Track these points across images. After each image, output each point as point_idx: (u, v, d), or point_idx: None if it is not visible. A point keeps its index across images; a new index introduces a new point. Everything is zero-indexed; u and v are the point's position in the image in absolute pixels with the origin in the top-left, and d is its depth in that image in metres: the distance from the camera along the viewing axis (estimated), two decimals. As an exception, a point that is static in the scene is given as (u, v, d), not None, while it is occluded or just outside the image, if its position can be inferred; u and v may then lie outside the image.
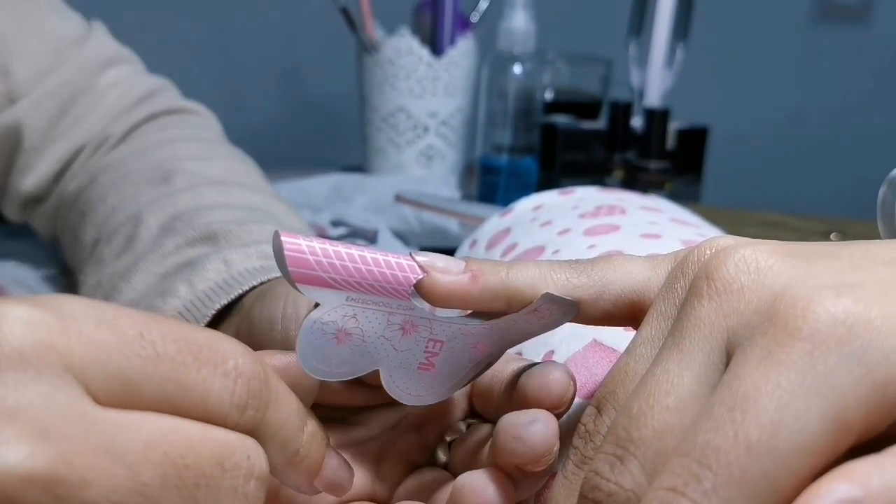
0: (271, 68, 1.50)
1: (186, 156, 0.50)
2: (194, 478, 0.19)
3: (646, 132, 0.88)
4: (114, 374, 0.19)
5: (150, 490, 0.18)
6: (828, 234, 0.77)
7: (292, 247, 0.23)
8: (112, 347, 0.19)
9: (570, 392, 0.26)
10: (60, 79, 0.53)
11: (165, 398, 0.19)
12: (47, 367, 0.18)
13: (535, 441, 0.24)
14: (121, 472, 0.18)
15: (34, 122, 0.52)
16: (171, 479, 0.19)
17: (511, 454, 0.24)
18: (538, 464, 0.24)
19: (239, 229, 0.42)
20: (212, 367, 0.20)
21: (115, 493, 0.18)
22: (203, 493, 0.19)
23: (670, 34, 0.87)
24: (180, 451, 0.19)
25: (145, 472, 0.18)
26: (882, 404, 0.18)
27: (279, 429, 0.22)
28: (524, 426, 0.24)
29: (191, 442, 0.19)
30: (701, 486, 0.17)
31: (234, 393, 0.20)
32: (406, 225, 0.73)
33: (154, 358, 0.19)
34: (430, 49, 0.89)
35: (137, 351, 0.19)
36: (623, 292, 0.25)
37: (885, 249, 0.21)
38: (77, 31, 0.55)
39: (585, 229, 0.41)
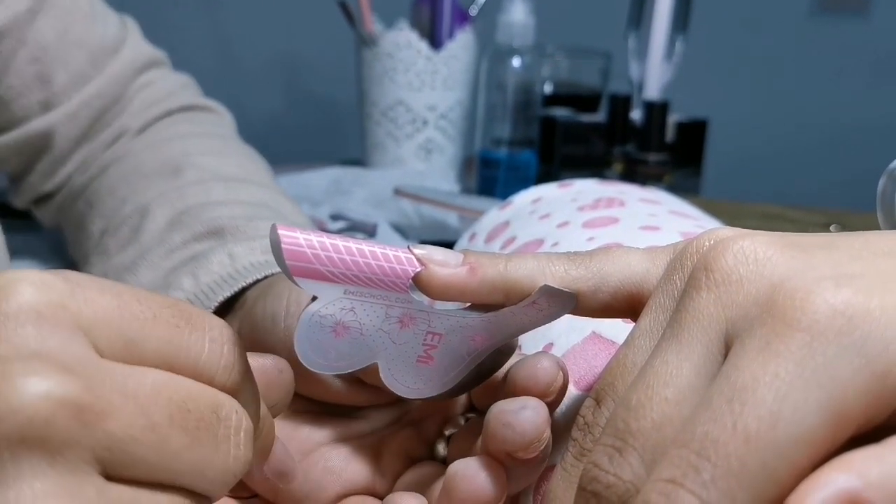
0: (270, 62, 1.50)
1: (197, 151, 0.50)
2: (196, 421, 0.20)
3: (645, 125, 0.88)
4: (116, 334, 0.20)
5: (160, 428, 0.20)
6: (827, 226, 0.77)
7: (289, 240, 0.23)
8: (114, 310, 0.21)
9: (558, 381, 0.26)
10: (96, 89, 0.53)
11: (162, 357, 0.21)
12: (61, 323, 0.19)
13: (525, 427, 0.24)
14: (134, 410, 0.19)
15: (67, 132, 0.52)
16: (176, 419, 0.20)
17: (501, 441, 0.24)
18: (528, 450, 0.24)
19: (246, 225, 0.42)
20: (202, 332, 0.22)
21: (131, 428, 0.19)
22: (205, 435, 0.21)
23: (670, 27, 0.87)
24: (182, 396, 0.20)
25: (154, 412, 0.20)
26: (881, 395, 0.18)
27: (253, 393, 0.24)
28: (514, 413, 0.24)
29: (189, 391, 0.21)
30: (700, 477, 0.17)
31: (222, 356, 0.22)
32: (405, 219, 0.73)
33: (151, 320, 0.21)
34: (428, 42, 0.89)
35: (137, 314, 0.21)
36: (622, 284, 0.25)
37: (884, 240, 0.21)
38: (114, 36, 0.55)
39: (584, 222, 0.41)
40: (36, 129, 0.51)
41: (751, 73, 1.58)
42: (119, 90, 0.54)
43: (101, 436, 0.19)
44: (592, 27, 1.19)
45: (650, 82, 0.89)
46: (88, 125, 0.53)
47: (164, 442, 0.20)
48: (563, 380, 0.26)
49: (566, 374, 0.26)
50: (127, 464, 0.19)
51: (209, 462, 0.21)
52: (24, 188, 0.55)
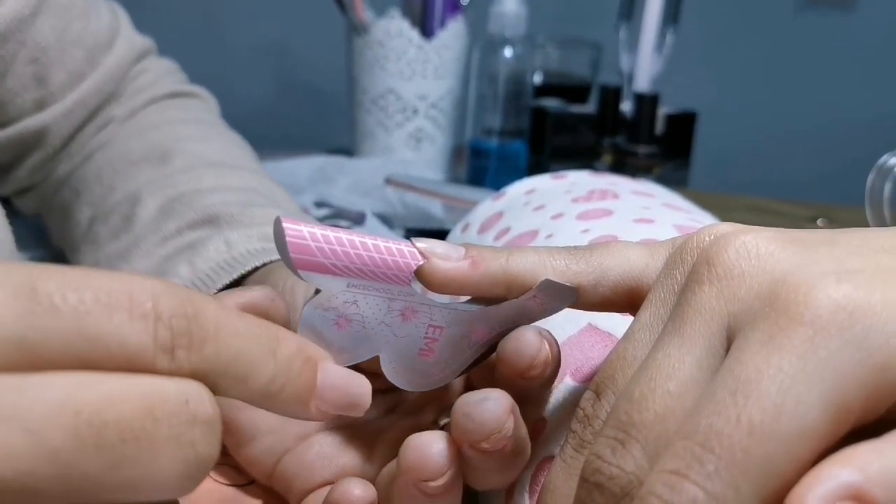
0: (259, 48, 1.49)
1: (184, 137, 0.50)
2: (118, 433, 0.17)
3: (635, 117, 0.89)
4: (4, 337, 0.17)
5: (64, 455, 0.16)
6: (814, 219, 0.78)
7: (294, 232, 0.23)
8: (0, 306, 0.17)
9: (542, 354, 0.25)
10: (92, 86, 0.52)
11: (74, 354, 0.17)
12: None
13: (484, 418, 0.23)
14: (21, 441, 0.16)
15: (61, 130, 0.52)
16: (87, 439, 0.16)
17: (462, 431, 0.24)
18: (490, 441, 0.24)
19: (240, 212, 0.42)
20: (125, 313, 0.18)
21: (18, 462, 0.16)
22: (133, 448, 0.17)
23: (660, 19, 0.87)
24: (95, 407, 0.17)
25: (53, 437, 0.16)
26: (881, 388, 0.18)
27: (229, 363, 0.20)
28: (474, 403, 0.24)
29: (108, 396, 0.17)
30: (704, 468, 0.17)
31: (157, 334, 0.18)
32: (390, 207, 0.73)
33: (51, 311, 0.17)
34: (420, 31, 0.88)
35: (31, 307, 0.17)
36: (621, 278, 0.25)
37: (883, 237, 0.21)
38: (108, 29, 0.54)
39: (578, 214, 0.41)
40: (29, 128, 0.51)
41: (738, 66, 1.58)
42: (113, 86, 0.54)
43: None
44: (583, 18, 1.19)
45: (640, 74, 0.89)
46: (82, 123, 0.53)
47: (70, 470, 0.16)
48: (549, 353, 0.26)
49: (554, 348, 0.26)
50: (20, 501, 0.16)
51: (144, 476, 0.17)
52: (10, 180, 0.54)
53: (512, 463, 0.25)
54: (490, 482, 0.26)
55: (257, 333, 0.21)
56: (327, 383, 0.22)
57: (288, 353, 0.21)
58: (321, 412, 0.22)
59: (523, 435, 0.25)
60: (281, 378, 0.21)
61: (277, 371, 0.21)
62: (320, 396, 0.22)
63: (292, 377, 0.21)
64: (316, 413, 0.22)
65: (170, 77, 0.58)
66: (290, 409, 0.22)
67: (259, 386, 0.21)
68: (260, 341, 0.21)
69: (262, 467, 0.30)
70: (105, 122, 0.53)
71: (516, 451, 0.25)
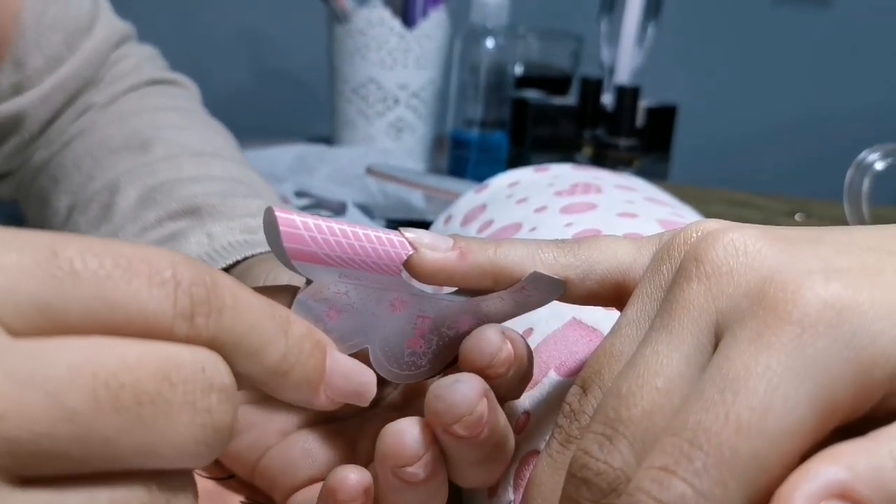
0: (237, 34, 1.48)
1: (165, 125, 0.50)
2: (134, 396, 0.17)
3: (615, 109, 0.89)
4: (26, 301, 0.17)
5: (82, 416, 0.16)
6: (792, 214, 0.79)
7: (287, 222, 0.23)
8: (20, 271, 0.17)
9: (503, 353, 0.25)
10: (70, 70, 0.51)
11: (93, 319, 0.17)
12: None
13: (455, 399, 0.23)
14: (40, 401, 0.16)
15: (39, 115, 0.51)
16: (105, 401, 0.17)
17: (433, 413, 0.24)
18: (461, 425, 0.23)
19: (222, 203, 0.41)
20: (145, 279, 0.18)
21: (37, 424, 0.16)
22: (150, 411, 0.17)
23: (642, 12, 0.87)
24: (112, 370, 0.17)
25: (71, 398, 0.16)
26: (867, 386, 0.18)
27: (244, 336, 0.20)
28: (446, 385, 0.24)
29: (125, 360, 0.17)
30: (692, 465, 0.17)
31: (176, 301, 0.18)
32: (370, 197, 0.73)
33: (72, 276, 0.17)
34: (401, 20, 0.88)
35: (52, 271, 0.17)
36: (609, 273, 0.25)
37: (869, 236, 0.21)
38: (87, 13, 0.53)
39: (562, 207, 0.41)
40: (6, 112, 0.50)
41: (718, 60, 1.59)
42: (92, 72, 0.53)
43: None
44: (565, 10, 1.19)
45: (621, 67, 0.89)
46: (60, 108, 0.52)
47: (88, 432, 0.16)
48: (511, 352, 0.25)
49: (519, 348, 0.26)
50: (44, 463, 0.16)
51: (162, 440, 0.17)
52: None
53: (493, 455, 0.25)
54: (474, 477, 0.26)
55: (270, 311, 0.21)
56: (336, 370, 0.22)
57: (298, 333, 0.21)
58: (328, 399, 0.22)
59: (502, 424, 0.25)
60: (292, 357, 0.21)
61: (289, 350, 0.21)
62: (329, 382, 0.22)
63: (302, 358, 0.21)
64: (324, 399, 0.22)
65: (150, 63, 0.57)
66: (298, 392, 0.22)
67: (271, 363, 0.21)
68: (273, 318, 0.21)
69: (244, 463, 0.30)
70: (84, 108, 0.52)
71: (496, 442, 0.25)
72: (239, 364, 0.20)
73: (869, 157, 0.51)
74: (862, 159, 0.50)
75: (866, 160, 0.51)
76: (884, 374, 0.18)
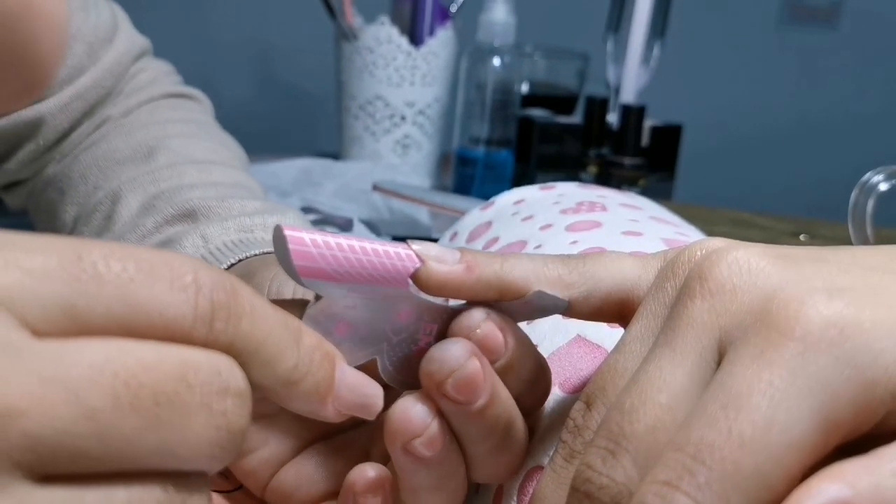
0: (246, 50, 1.49)
1: (172, 134, 0.50)
2: (153, 396, 0.17)
3: (621, 128, 0.89)
4: (51, 301, 0.17)
5: (102, 414, 0.17)
6: (797, 235, 0.79)
7: (296, 240, 0.23)
8: (46, 273, 0.17)
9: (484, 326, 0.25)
10: (91, 81, 0.52)
11: (115, 320, 0.18)
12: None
13: (443, 356, 0.23)
14: (61, 398, 0.16)
15: (57, 123, 0.51)
16: (124, 400, 0.17)
17: (426, 374, 0.24)
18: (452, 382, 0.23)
19: (218, 205, 0.42)
20: (167, 283, 0.18)
21: (58, 421, 0.16)
22: (167, 411, 0.17)
23: (647, 32, 0.88)
24: (132, 370, 0.17)
25: (92, 396, 0.17)
26: (869, 404, 0.18)
27: (261, 344, 0.20)
28: (437, 346, 0.24)
29: (144, 361, 0.17)
30: (695, 480, 0.18)
31: (197, 306, 0.19)
32: (376, 213, 0.73)
33: (96, 279, 0.17)
34: (409, 38, 0.89)
35: (76, 274, 0.17)
36: (613, 290, 0.26)
37: (872, 255, 0.22)
38: (107, 25, 0.53)
39: (567, 225, 0.41)
40: (25, 118, 0.50)
41: (722, 80, 1.60)
42: (112, 82, 0.53)
43: (15, 438, 0.16)
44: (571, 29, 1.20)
45: (627, 86, 0.90)
46: (78, 117, 0.52)
47: (108, 430, 0.17)
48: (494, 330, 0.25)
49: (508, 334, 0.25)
50: (63, 460, 0.16)
51: (179, 440, 0.18)
52: (0, 172, 0.54)
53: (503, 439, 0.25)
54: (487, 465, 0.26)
55: (284, 321, 0.21)
56: (344, 382, 0.23)
57: (310, 344, 0.22)
58: (335, 411, 0.23)
59: (504, 398, 0.25)
60: (303, 367, 0.21)
61: (300, 360, 0.21)
62: (337, 395, 0.23)
63: (313, 369, 0.22)
64: (332, 411, 0.23)
65: (167, 78, 0.58)
66: (307, 403, 0.22)
67: (283, 371, 0.21)
68: (286, 328, 0.21)
69: (256, 480, 0.30)
70: (101, 121, 0.53)
71: (500, 419, 0.25)
72: (253, 372, 0.20)
73: (873, 178, 0.51)
74: (866, 181, 0.51)
75: (870, 181, 0.51)
76: (886, 392, 0.18)
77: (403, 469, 0.25)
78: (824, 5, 1.62)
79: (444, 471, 0.25)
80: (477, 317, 0.25)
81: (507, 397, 0.25)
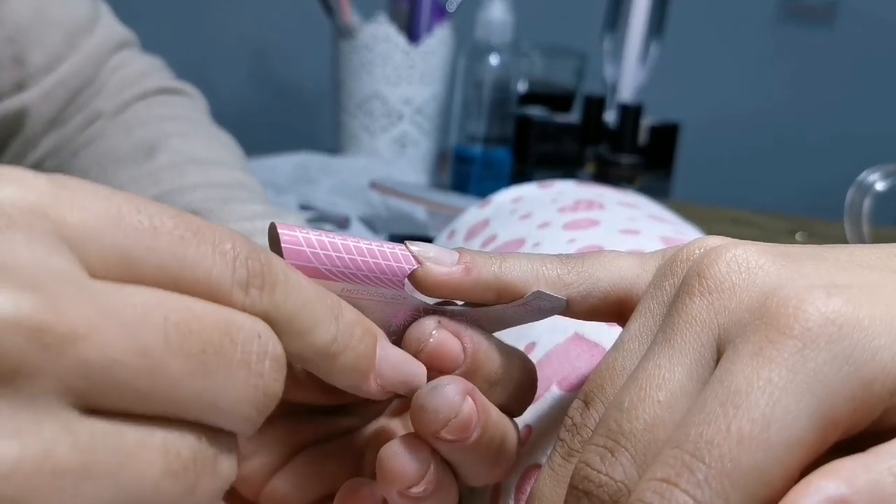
0: (243, 49, 1.49)
1: (171, 133, 0.50)
2: (200, 343, 0.18)
3: (618, 127, 0.89)
4: (110, 247, 0.18)
5: (153, 353, 0.17)
6: (793, 233, 0.79)
7: (289, 239, 0.23)
8: (108, 219, 0.18)
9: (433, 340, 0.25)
10: (72, 68, 0.52)
11: (166, 273, 0.18)
12: (39, 232, 0.17)
13: (437, 404, 0.23)
14: (118, 331, 0.17)
15: (41, 112, 0.51)
16: (174, 343, 0.18)
17: (419, 422, 0.24)
18: (449, 430, 0.23)
19: (220, 208, 0.42)
20: (210, 246, 0.19)
21: (113, 352, 0.17)
22: (212, 360, 0.18)
23: (645, 30, 0.88)
24: (182, 316, 0.18)
25: (145, 335, 0.17)
26: (867, 401, 0.18)
27: (295, 314, 0.21)
28: (427, 392, 0.24)
29: (193, 310, 0.18)
30: (694, 477, 0.18)
31: (235, 270, 0.19)
32: (373, 211, 0.73)
33: (152, 231, 0.18)
34: (406, 36, 0.89)
35: (134, 224, 0.18)
36: (611, 289, 0.26)
37: (869, 253, 0.22)
38: (87, 14, 0.54)
39: (565, 223, 0.41)
40: (9, 109, 0.50)
41: (720, 78, 1.60)
42: (93, 70, 0.53)
43: (70, 362, 0.16)
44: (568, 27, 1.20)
45: (624, 85, 0.90)
46: (62, 105, 0.52)
47: (158, 368, 0.17)
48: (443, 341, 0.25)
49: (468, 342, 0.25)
50: (112, 392, 0.17)
51: (220, 391, 0.18)
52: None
53: (497, 453, 0.25)
54: (481, 476, 0.26)
55: (321, 294, 0.22)
56: (386, 358, 0.23)
57: (349, 319, 0.22)
58: (379, 387, 0.23)
59: (495, 419, 0.25)
60: (343, 340, 0.22)
61: (340, 333, 0.22)
62: (379, 370, 0.23)
63: (353, 343, 0.22)
64: (375, 387, 0.23)
65: (158, 73, 0.58)
66: (349, 377, 0.22)
67: (321, 344, 0.21)
68: (324, 301, 0.22)
69: (251, 486, 0.30)
70: (95, 115, 0.53)
71: (493, 439, 0.25)
72: (290, 342, 0.21)
73: (869, 177, 0.51)
74: (862, 179, 0.51)
75: (867, 180, 0.51)
76: (884, 389, 0.18)
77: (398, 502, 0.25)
78: (821, 5, 1.62)
79: (440, 497, 0.25)
80: (428, 326, 0.25)
81: (499, 415, 0.25)
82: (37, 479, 0.16)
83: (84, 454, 0.16)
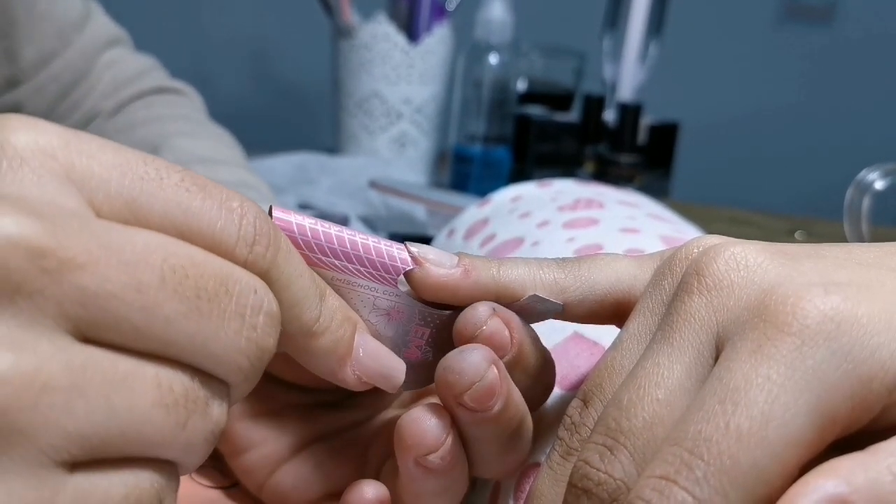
0: (242, 48, 1.49)
1: (173, 132, 0.50)
2: (195, 289, 0.19)
3: (618, 126, 0.89)
4: (117, 192, 0.19)
5: (149, 289, 0.18)
6: (792, 232, 0.79)
7: (282, 224, 0.23)
8: (115, 167, 0.19)
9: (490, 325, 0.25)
10: (64, 63, 0.52)
11: (170, 221, 0.19)
12: (49, 173, 0.18)
13: (463, 367, 0.23)
14: (116, 264, 0.17)
15: (35, 107, 0.51)
16: (170, 283, 0.18)
17: (443, 384, 0.24)
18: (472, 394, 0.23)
19: None
20: (217, 202, 0.20)
21: (110, 284, 0.17)
22: (206, 306, 0.19)
23: (645, 29, 0.88)
24: (181, 261, 0.18)
25: (142, 271, 0.18)
26: (865, 399, 0.18)
27: (291, 281, 0.21)
28: (454, 355, 0.24)
29: (193, 258, 0.19)
30: (693, 474, 0.18)
31: (241, 227, 0.20)
32: (373, 210, 0.73)
33: (158, 181, 0.19)
34: (406, 36, 0.89)
35: (141, 173, 0.19)
36: (609, 292, 0.26)
37: (868, 252, 0.22)
38: (78, 10, 0.54)
39: (564, 222, 0.41)
40: (2, 105, 0.51)
41: (719, 78, 1.60)
42: (85, 65, 0.54)
43: (69, 288, 0.17)
44: (568, 27, 1.20)
45: (624, 84, 0.90)
46: (55, 100, 0.52)
47: (152, 305, 0.18)
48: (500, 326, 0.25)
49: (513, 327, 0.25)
50: (107, 324, 0.18)
51: (212, 337, 0.19)
52: None
53: (513, 437, 0.25)
54: (494, 464, 0.26)
55: (312, 274, 0.23)
56: (365, 348, 0.24)
57: (332, 304, 0.23)
58: (355, 377, 0.24)
59: (516, 400, 0.25)
60: (325, 321, 0.23)
61: (323, 314, 0.23)
62: (357, 360, 0.24)
63: (333, 326, 0.23)
64: (351, 375, 0.24)
65: (153, 72, 0.58)
66: (325, 361, 0.23)
67: (307, 320, 0.22)
68: (313, 281, 0.22)
69: (254, 478, 0.30)
70: (93, 114, 0.53)
71: (513, 420, 0.25)
72: (282, 312, 0.21)
73: (868, 176, 0.51)
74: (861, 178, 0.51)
75: (866, 179, 0.51)
76: (882, 387, 0.18)
77: (412, 478, 0.25)
78: (821, 5, 1.62)
79: (453, 476, 0.25)
80: (483, 312, 0.25)
81: (520, 398, 0.25)
82: (27, 392, 0.16)
83: (76, 375, 0.17)
